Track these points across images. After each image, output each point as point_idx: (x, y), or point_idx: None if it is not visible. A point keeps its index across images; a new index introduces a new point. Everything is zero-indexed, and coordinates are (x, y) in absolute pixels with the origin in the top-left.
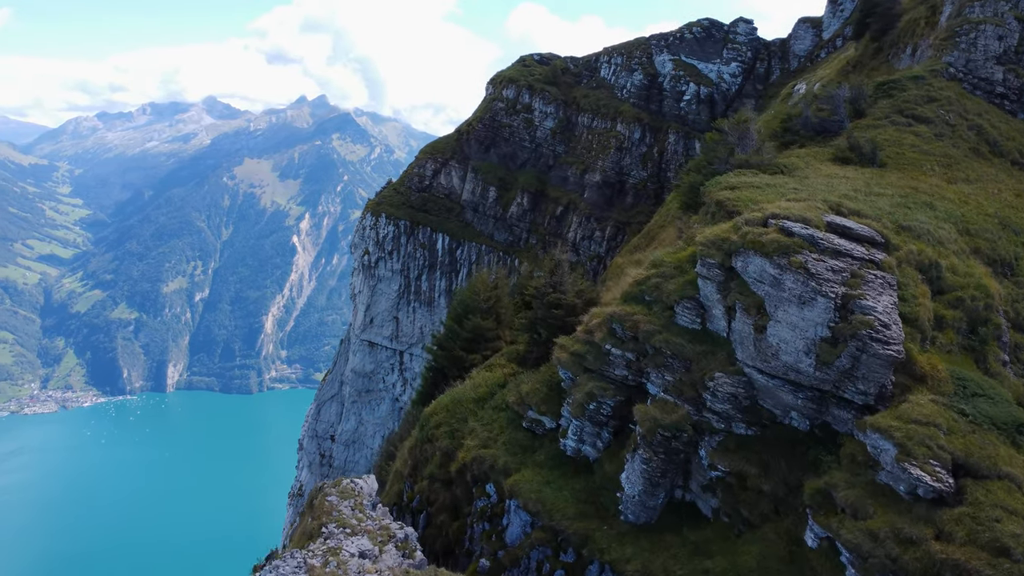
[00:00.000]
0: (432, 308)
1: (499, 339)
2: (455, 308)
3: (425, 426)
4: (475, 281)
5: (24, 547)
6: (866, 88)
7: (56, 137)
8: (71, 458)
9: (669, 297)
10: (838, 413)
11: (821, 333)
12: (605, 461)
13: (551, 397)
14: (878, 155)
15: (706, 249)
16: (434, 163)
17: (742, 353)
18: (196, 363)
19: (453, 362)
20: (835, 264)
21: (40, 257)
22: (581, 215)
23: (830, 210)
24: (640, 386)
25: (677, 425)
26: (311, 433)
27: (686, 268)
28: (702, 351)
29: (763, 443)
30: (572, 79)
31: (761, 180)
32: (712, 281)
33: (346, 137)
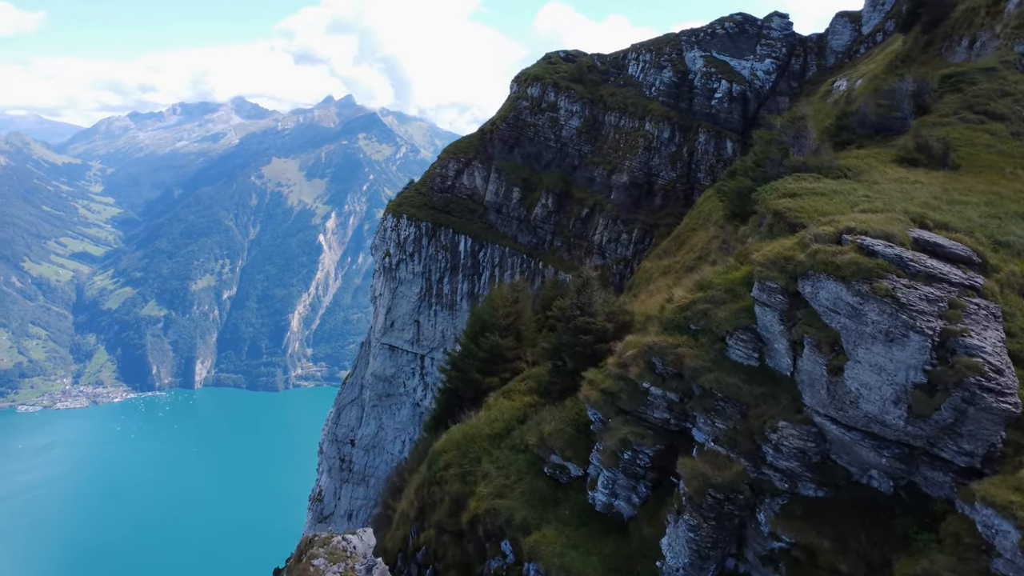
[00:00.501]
0: (454, 312)
1: (519, 359)
2: (472, 325)
3: (434, 465)
4: (493, 296)
5: (56, 540)
6: (930, 81)
7: (89, 137)
8: (101, 453)
9: (720, 327)
10: (931, 475)
11: (914, 378)
12: (642, 520)
13: (578, 440)
14: (950, 156)
15: (766, 270)
16: (457, 163)
17: (811, 398)
18: (223, 360)
19: (469, 385)
20: (929, 292)
21: (73, 255)
22: (607, 217)
23: (913, 223)
24: (684, 431)
25: (732, 485)
26: (331, 437)
27: (740, 292)
28: (761, 394)
29: (836, 508)
30: (599, 77)
31: (825, 186)
32: (773, 309)
33: (372, 137)
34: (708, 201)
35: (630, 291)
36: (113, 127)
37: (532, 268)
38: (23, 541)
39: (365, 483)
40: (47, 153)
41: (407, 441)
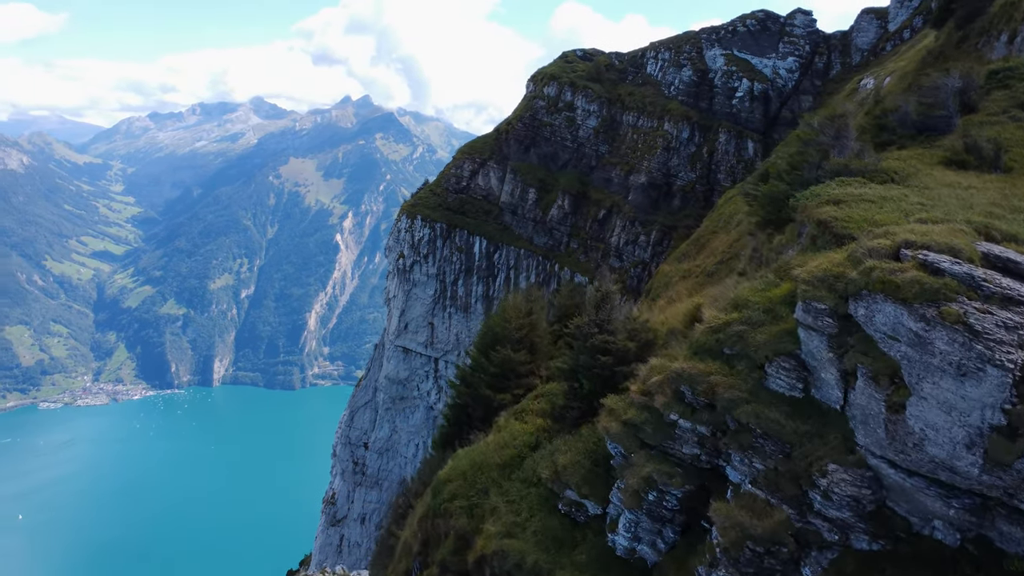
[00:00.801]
0: (468, 314)
1: (533, 374)
2: (482, 338)
3: (438, 495)
4: (506, 306)
5: (75, 535)
6: (976, 77)
7: (110, 137)
8: (121, 450)
9: (758, 352)
10: (1009, 529)
11: (991, 419)
12: (668, 569)
13: (596, 475)
14: (1002, 158)
15: (812, 289)
16: (472, 163)
17: (866, 437)
18: (241, 359)
19: (479, 401)
20: (1008, 317)
21: (94, 253)
22: (625, 219)
23: (978, 235)
24: (717, 470)
25: (774, 537)
26: (344, 440)
27: (781, 312)
28: (806, 431)
29: (894, 562)
30: (616, 76)
31: (873, 192)
32: (820, 333)
33: (389, 137)
34: (729, 203)
35: (648, 295)
36: (134, 127)
37: (548, 270)
38: (44, 536)
39: (378, 486)
40: (69, 153)
41: (420, 445)
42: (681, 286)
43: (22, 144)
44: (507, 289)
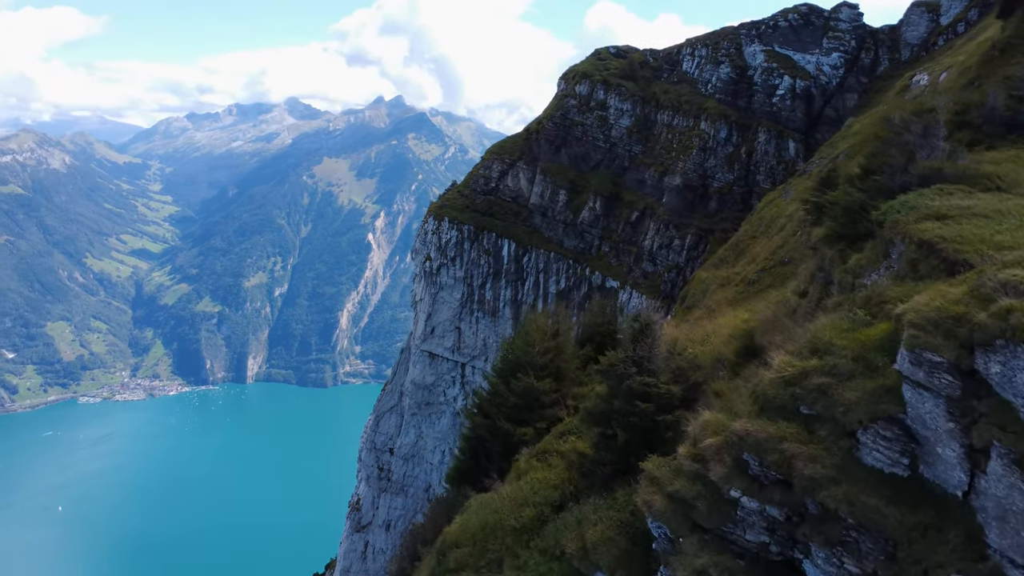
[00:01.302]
0: (496, 319)
1: (558, 404)
2: (502, 363)
3: (444, 560)
4: (529, 328)
5: (112, 528)
6: None
7: (149, 137)
8: (157, 445)
9: (848, 415)
10: None
11: None
12: None
13: (633, 557)
14: None
15: (923, 334)
16: (501, 164)
17: (1003, 539)
18: (274, 356)
19: (497, 435)
20: None
21: (132, 251)
22: (659, 222)
23: None
24: (792, 563)
25: None
26: (369, 445)
27: (876, 362)
28: (917, 524)
29: None
30: (651, 73)
31: (984, 204)
32: (936, 395)
33: (421, 137)
34: (770, 206)
35: (682, 302)
36: (172, 127)
37: (578, 274)
38: (83, 528)
39: (404, 493)
40: (109, 153)
41: (447, 452)
42: (719, 295)
43: (64, 144)
44: (536, 293)
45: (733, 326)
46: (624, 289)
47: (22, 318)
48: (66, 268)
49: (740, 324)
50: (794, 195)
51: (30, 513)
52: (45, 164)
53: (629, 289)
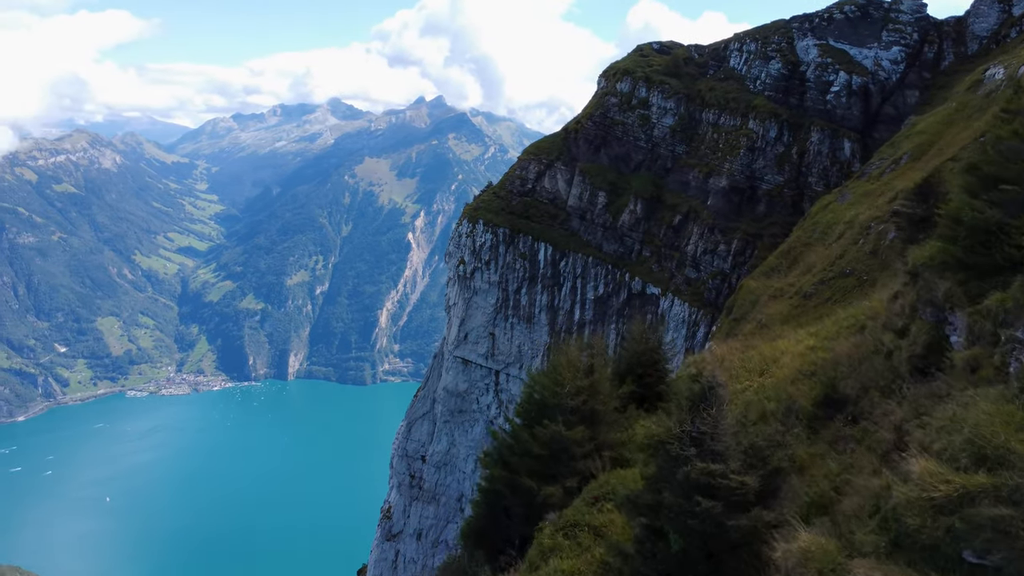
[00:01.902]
0: (531, 325)
1: (591, 457)
2: (526, 405)
3: None
4: (558, 363)
5: (157, 520)
6: None
7: (196, 137)
8: (201, 439)
9: None
10: None
11: None
12: None
13: None
14: None
15: None
16: (538, 165)
17: None
18: (315, 353)
19: (518, 493)
20: None
21: (179, 249)
22: (703, 225)
23: None
24: None
25: None
26: (401, 452)
27: None
28: None
29: None
30: (696, 70)
31: None
32: None
33: (461, 137)
34: (826, 211)
35: (729, 313)
36: (218, 128)
37: (617, 280)
38: (129, 518)
39: (435, 501)
40: (158, 152)
41: (480, 460)
42: (772, 307)
43: (116, 144)
44: (572, 299)
45: (799, 355)
46: (665, 296)
47: (74, 313)
48: (116, 265)
49: (807, 353)
50: (852, 198)
51: (80, 503)
52: (97, 164)
53: (671, 296)
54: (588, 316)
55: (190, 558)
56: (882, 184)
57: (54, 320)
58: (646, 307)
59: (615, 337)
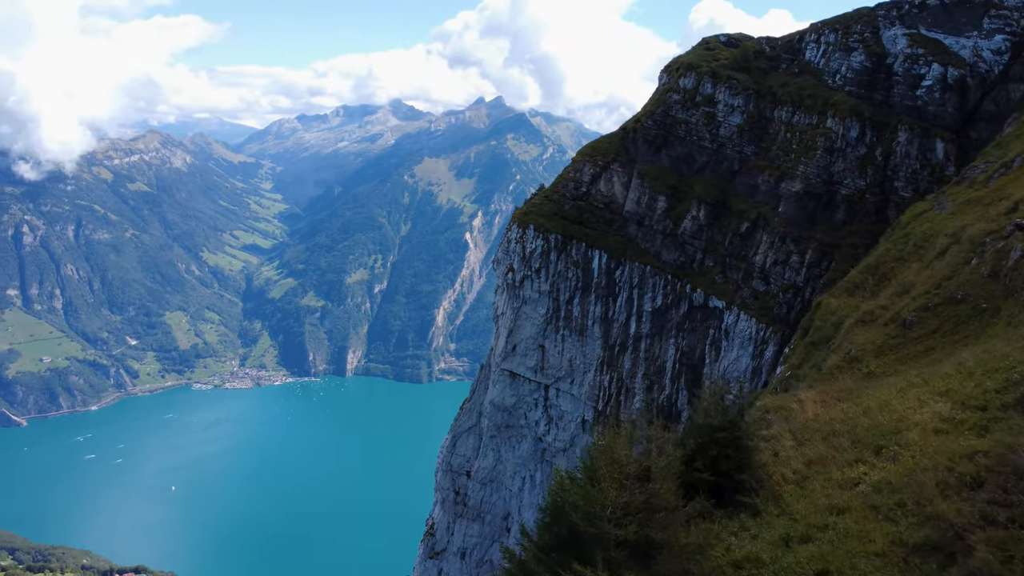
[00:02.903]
0: (584, 337)
1: None
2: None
3: None
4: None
5: (219, 510)
6: None
7: (262, 138)
8: (262, 432)
9: None
10: None
11: None
12: None
13: None
14: None
15: None
16: (593, 166)
17: None
18: (373, 351)
19: None
20: None
21: (244, 246)
22: (774, 234)
23: None
24: None
25: None
26: (445, 467)
27: None
28: None
29: None
30: (767, 64)
31: None
32: None
33: (520, 137)
34: (920, 220)
35: (805, 335)
36: (283, 128)
37: (677, 291)
38: (193, 508)
39: (480, 519)
40: (226, 153)
41: (527, 479)
42: (862, 336)
43: (186, 144)
44: (628, 311)
45: (934, 432)
46: (730, 310)
47: (144, 307)
48: (184, 261)
49: (948, 432)
50: (952, 207)
51: (147, 491)
52: (168, 163)
53: (736, 310)
54: (645, 329)
55: (246, 549)
56: (991, 191)
57: (126, 314)
58: (708, 321)
59: (674, 352)
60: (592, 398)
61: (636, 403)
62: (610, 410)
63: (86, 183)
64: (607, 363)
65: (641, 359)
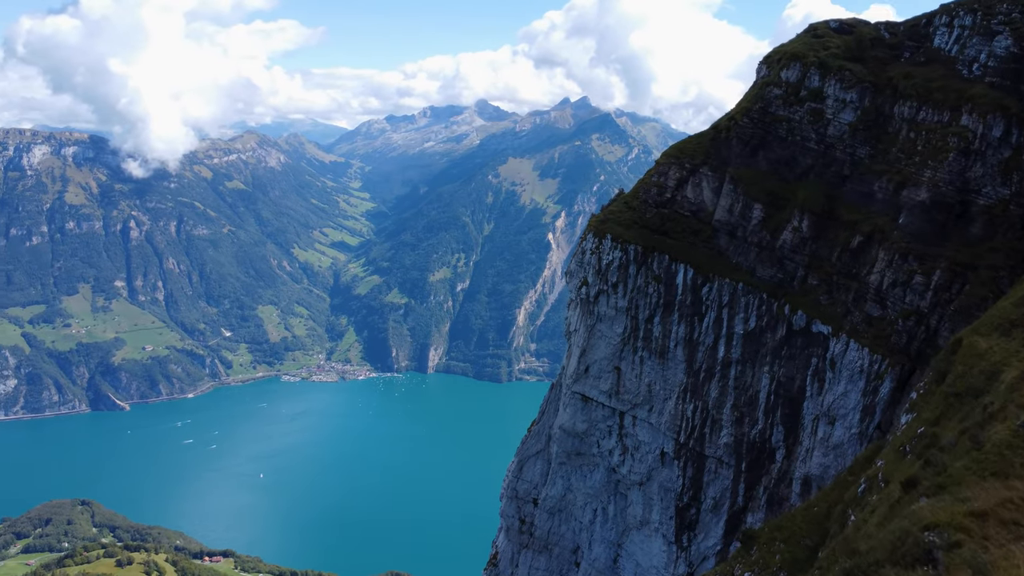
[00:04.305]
0: (665, 361)
1: None
2: None
3: None
4: None
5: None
6: None
7: (352, 138)
8: (346, 424)
9: None
10: None
11: None
12: None
13: None
14: None
15: None
16: (679, 170)
17: None
18: (454, 349)
19: None
20: None
21: (332, 244)
22: (892, 250)
23: None
24: None
25: None
26: (511, 493)
27: None
28: None
29: None
30: (886, 53)
31: None
32: None
33: (605, 138)
34: None
35: (942, 380)
36: (372, 129)
37: (773, 313)
38: (279, 495)
39: (548, 552)
40: (318, 152)
41: (598, 511)
42: None
43: (281, 144)
44: (716, 333)
45: None
46: (837, 337)
47: (238, 301)
48: (276, 257)
49: None
50: None
51: (238, 478)
52: (264, 163)
53: (845, 337)
54: (735, 355)
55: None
56: None
57: (221, 306)
58: (810, 348)
59: (768, 382)
60: (673, 428)
61: (723, 437)
62: (693, 443)
63: (188, 181)
64: (691, 390)
65: (730, 388)
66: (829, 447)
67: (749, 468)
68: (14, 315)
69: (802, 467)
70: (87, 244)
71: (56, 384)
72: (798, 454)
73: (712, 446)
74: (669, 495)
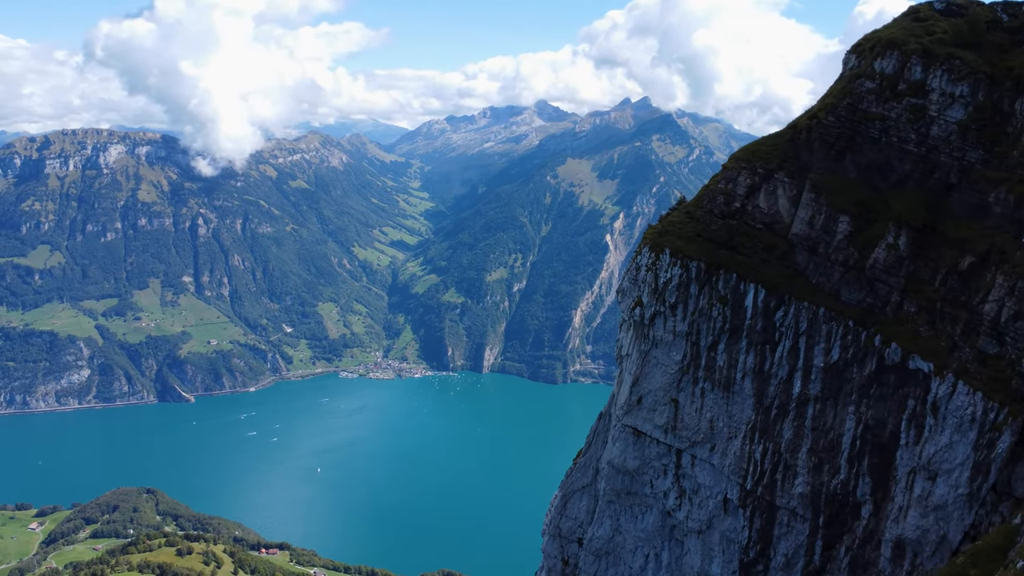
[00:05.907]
0: (730, 394)
1: None
2: None
3: None
4: None
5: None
6: None
7: (412, 138)
8: (402, 422)
9: None
10: None
11: None
12: None
13: None
14: None
15: None
16: (750, 175)
17: None
18: (509, 349)
19: None
20: None
21: (391, 242)
22: (1014, 275)
23: None
24: None
25: None
26: (553, 530)
27: None
28: None
29: None
30: (1006, 38)
31: None
32: None
33: (666, 138)
34: None
35: None
36: (432, 129)
37: (861, 344)
38: (336, 490)
39: None
40: (379, 152)
41: (651, 557)
42: None
43: (343, 144)
44: (792, 364)
45: None
46: (942, 377)
47: (300, 298)
48: (337, 255)
49: None
50: None
51: (296, 471)
52: (326, 162)
53: (951, 378)
54: (814, 390)
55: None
56: None
57: (283, 303)
58: (907, 388)
59: (854, 425)
60: (738, 472)
61: (798, 486)
62: (762, 491)
63: (253, 180)
64: (760, 429)
65: (807, 429)
66: (928, 507)
67: (828, 524)
68: (89, 308)
69: (894, 527)
70: (157, 240)
71: (126, 375)
72: (889, 512)
73: (784, 495)
74: (733, 547)
